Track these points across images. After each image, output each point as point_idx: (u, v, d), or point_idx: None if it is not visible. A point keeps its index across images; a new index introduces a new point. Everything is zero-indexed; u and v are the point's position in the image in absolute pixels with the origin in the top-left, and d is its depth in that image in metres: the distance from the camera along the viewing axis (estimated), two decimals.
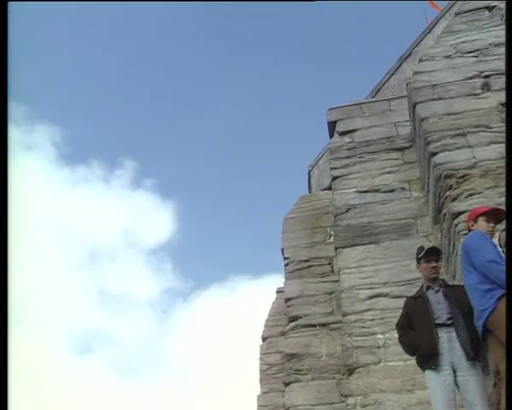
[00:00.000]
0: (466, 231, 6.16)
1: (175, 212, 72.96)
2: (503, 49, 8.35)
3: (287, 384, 7.99)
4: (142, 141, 58.48)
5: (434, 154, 7.15)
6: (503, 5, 9.18)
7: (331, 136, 9.81)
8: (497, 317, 4.28)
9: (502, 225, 4.94)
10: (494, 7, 9.24)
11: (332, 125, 9.78)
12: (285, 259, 9.43)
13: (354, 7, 52.80)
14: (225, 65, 57.89)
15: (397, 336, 5.36)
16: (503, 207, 5.06)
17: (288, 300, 8.77)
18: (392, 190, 8.31)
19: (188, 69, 58.73)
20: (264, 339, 10.85)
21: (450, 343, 4.79)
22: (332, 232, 8.93)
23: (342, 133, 9.44)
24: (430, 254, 5.27)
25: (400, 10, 52.33)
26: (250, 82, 59.81)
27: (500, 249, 4.61)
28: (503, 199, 6.27)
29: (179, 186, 61.94)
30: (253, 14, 54.67)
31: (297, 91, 60.51)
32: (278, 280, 9.54)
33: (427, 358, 4.82)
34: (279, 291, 11.10)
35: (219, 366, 48.44)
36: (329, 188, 9.57)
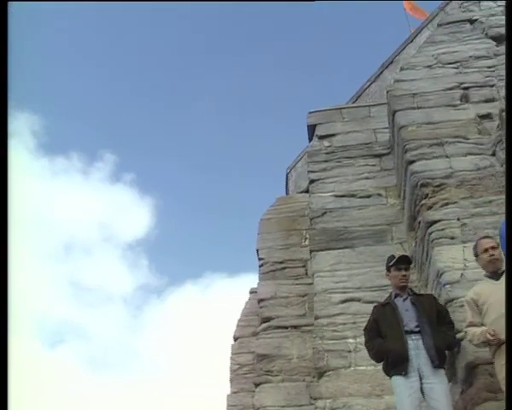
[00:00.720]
0: (440, 240, 6.27)
1: (153, 208, 72.51)
2: (482, 62, 8.49)
3: (257, 385, 7.99)
4: (122, 135, 58.18)
5: (412, 162, 7.22)
6: (484, 19, 9.31)
7: (310, 139, 9.85)
8: None
9: None
10: (476, 20, 9.37)
11: (311, 129, 9.81)
12: (260, 259, 9.43)
13: (340, 12, 53.11)
14: (208, 64, 57.76)
15: None
16: None
17: (260, 301, 8.78)
18: (368, 196, 8.36)
19: (171, 66, 58.55)
20: (235, 339, 10.84)
21: (417, 351, 4.87)
22: (307, 235, 8.96)
23: (321, 137, 9.48)
24: (400, 263, 5.33)
25: (384, 18, 52.75)
26: (232, 81, 59.74)
27: None
28: (478, 210, 6.38)
29: (158, 182, 61.66)
30: (237, 12, 54.67)
31: (279, 92, 60.66)
32: (254, 280, 9.55)
33: (396, 364, 4.87)
34: (252, 292, 11.10)
35: (191, 364, 48.28)
36: (307, 191, 9.60)
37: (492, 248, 4.96)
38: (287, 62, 58.28)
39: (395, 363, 4.86)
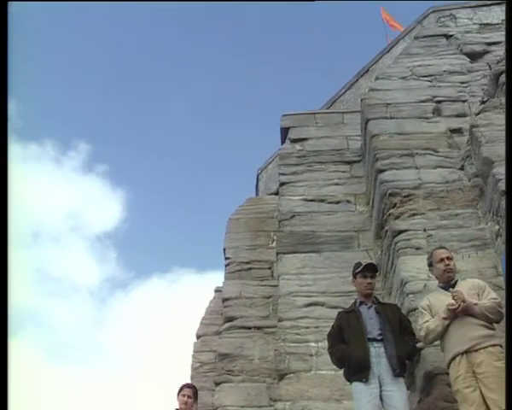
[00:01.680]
0: (405, 250, 6.34)
1: (124, 201, 71.88)
2: (456, 78, 8.63)
3: (217, 384, 7.97)
4: (98, 125, 57.34)
5: (382, 171, 7.29)
6: (459, 35, 9.47)
7: (283, 142, 9.87)
8: None
9: None
10: (451, 36, 9.54)
11: (285, 132, 9.84)
12: (226, 259, 9.42)
13: (321, 18, 53.34)
14: (186, 61, 57.56)
15: None
16: None
17: (225, 300, 8.77)
18: (337, 202, 8.41)
19: (150, 61, 58.10)
20: (198, 337, 10.81)
21: (378, 358, 4.90)
22: (275, 237, 8.97)
23: (294, 140, 9.51)
24: (367, 271, 5.37)
25: (363, 28, 53.24)
26: (209, 80, 59.62)
27: None
28: (444, 222, 6.47)
29: (131, 176, 61.03)
30: (214, 12, 54.50)
31: (255, 93, 60.67)
32: (221, 278, 9.52)
33: (358, 370, 4.90)
34: (217, 290, 11.09)
35: (153, 360, 47.93)
36: (276, 193, 9.63)
37: (448, 258, 5.05)
38: (262, 63, 58.36)
39: (356, 369, 4.90)
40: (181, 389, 6.02)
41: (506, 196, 4.95)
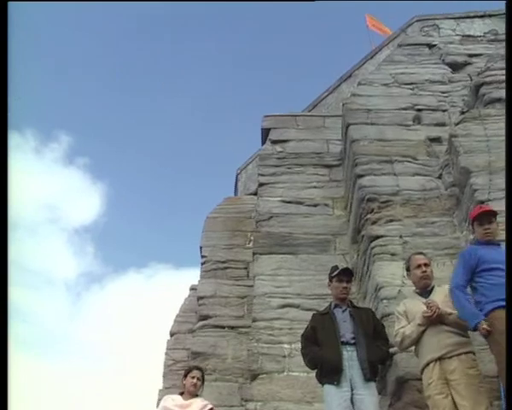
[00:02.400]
0: (381, 255, 6.39)
1: (104, 195, 70.96)
2: (437, 87, 8.72)
3: None
4: (80, 117, 56.66)
5: (361, 176, 7.34)
6: (442, 45, 9.57)
7: (263, 142, 9.88)
8: None
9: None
10: (434, 45, 9.64)
11: (265, 132, 9.85)
12: (202, 257, 9.39)
13: (306, 20, 53.49)
14: (167, 59, 57.28)
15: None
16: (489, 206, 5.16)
17: (200, 298, 8.73)
18: (315, 205, 8.45)
19: (133, 56, 57.74)
20: (172, 334, 10.76)
21: (350, 362, 4.93)
22: (252, 237, 8.96)
23: (274, 142, 9.54)
24: (343, 275, 5.41)
25: (348, 33, 53.51)
26: (191, 77, 59.38)
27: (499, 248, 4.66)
28: (420, 229, 6.54)
29: (111, 170, 60.41)
30: (197, 10, 54.35)
31: (238, 93, 60.61)
32: (197, 275, 9.47)
33: (329, 373, 4.92)
34: (193, 288, 11.04)
35: (127, 356, 47.59)
36: (255, 193, 9.63)
37: (425, 264, 5.10)
38: (246, 63, 58.29)
39: (328, 372, 4.92)
40: (190, 371, 5.66)
41: (506, 195, 5.01)
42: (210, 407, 5.41)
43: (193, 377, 5.56)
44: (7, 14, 4.62)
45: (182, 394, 5.56)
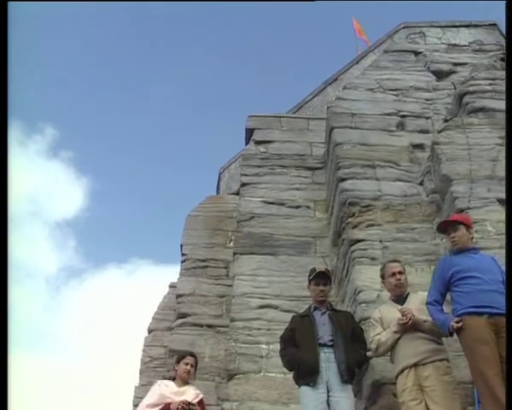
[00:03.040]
0: (361, 259, 6.42)
1: (87, 190, 70.62)
2: (421, 94, 8.78)
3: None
4: (65, 110, 56.21)
5: (343, 179, 7.36)
6: (428, 53, 9.64)
7: (247, 142, 9.88)
8: None
9: None
10: (420, 53, 9.70)
11: (249, 132, 9.85)
12: (183, 255, 9.37)
13: (295, 23, 53.58)
14: (151, 53, 57.10)
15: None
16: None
17: (179, 296, 8.72)
18: (297, 207, 8.46)
19: (118, 50, 57.44)
20: (150, 331, 10.74)
21: (328, 363, 4.94)
22: (233, 237, 8.96)
23: (258, 142, 9.53)
24: (319, 278, 5.41)
25: (334, 36, 53.71)
26: (176, 74, 59.29)
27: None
28: (400, 235, 6.58)
29: (96, 165, 60.06)
30: (184, 8, 54.23)
31: (223, 92, 60.57)
32: (177, 272, 9.44)
33: (306, 374, 4.93)
34: (172, 286, 11.02)
35: (105, 351, 47.30)
36: (237, 193, 9.61)
37: (399, 273, 5.14)
38: (232, 62, 58.30)
39: (305, 373, 4.93)
40: (183, 357, 5.47)
41: (506, 198, 5.05)
42: (201, 396, 5.34)
43: (186, 364, 5.41)
44: (7, 14, 4.59)
45: (173, 379, 5.42)
